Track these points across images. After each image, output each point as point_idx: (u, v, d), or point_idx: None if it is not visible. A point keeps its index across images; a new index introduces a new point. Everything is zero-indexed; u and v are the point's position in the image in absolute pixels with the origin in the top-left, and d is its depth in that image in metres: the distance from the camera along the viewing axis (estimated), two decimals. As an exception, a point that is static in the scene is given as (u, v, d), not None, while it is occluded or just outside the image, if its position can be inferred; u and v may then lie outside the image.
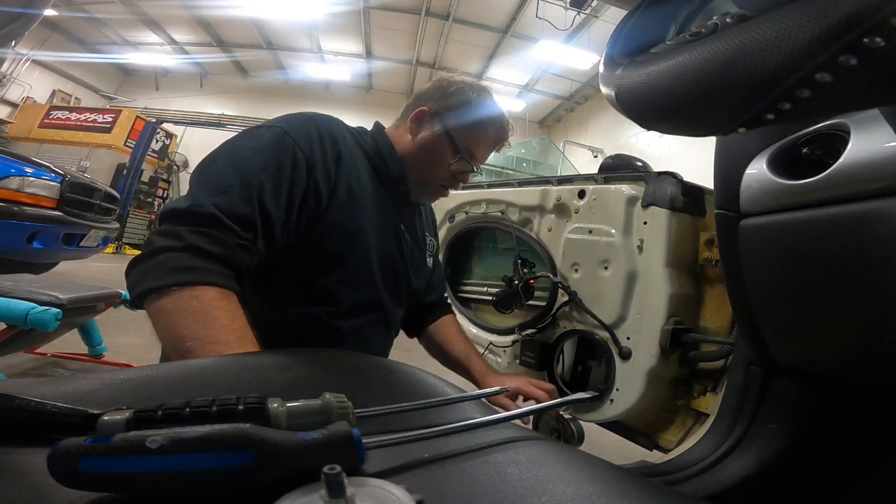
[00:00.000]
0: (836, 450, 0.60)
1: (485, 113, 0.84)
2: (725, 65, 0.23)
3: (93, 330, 2.01)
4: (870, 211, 0.45)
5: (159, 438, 0.21)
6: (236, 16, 8.28)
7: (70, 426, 0.25)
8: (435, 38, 8.68)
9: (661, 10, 0.36)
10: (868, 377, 0.53)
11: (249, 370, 0.34)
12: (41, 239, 2.83)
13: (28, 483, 0.22)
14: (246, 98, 11.43)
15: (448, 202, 1.40)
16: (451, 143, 0.82)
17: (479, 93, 0.84)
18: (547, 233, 1.12)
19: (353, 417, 0.27)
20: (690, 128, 0.29)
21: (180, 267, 0.57)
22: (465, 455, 0.28)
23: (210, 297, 0.56)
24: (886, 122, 0.34)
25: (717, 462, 0.66)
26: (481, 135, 0.84)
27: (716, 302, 0.88)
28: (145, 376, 0.33)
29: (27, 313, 1.36)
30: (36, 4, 0.50)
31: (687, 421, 0.89)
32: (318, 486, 0.21)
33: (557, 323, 1.06)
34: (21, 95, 9.40)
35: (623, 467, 0.30)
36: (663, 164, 1.10)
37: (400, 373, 0.38)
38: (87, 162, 8.31)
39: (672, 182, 0.90)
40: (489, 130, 0.84)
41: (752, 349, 0.64)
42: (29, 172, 2.83)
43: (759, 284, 0.58)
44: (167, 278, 0.56)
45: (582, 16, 6.41)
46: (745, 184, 0.58)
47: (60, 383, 0.31)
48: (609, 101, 0.33)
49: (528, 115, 11.23)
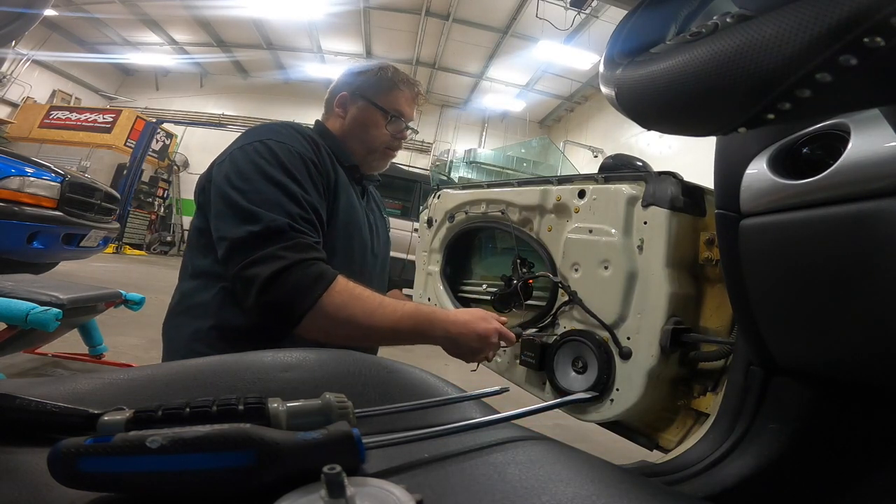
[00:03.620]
0: (836, 450, 0.60)
1: (392, 76, 0.95)
2: (725, 65, 0.23)
3: (93, 330, 2.01)
4: (870, 211, 0.45)
5: (159, 438, 0.21)
6: (236, 16, 8.28)
7: (70, 426, 0.25)
8: (435, 38, 8.68)
9: (661, 10, 0.36)
10: (868, 377, 0.53)
11: (249, 370, 0.34)
12: (41, 239, 2.83)
13: (28, 483, 0.22)
14: (246, 98, 11.43)
15: (448, 202, 1.39)
16: (377, 108, 0.92)
17: (379, 65, 0.96)
18: (547, 233, 1.11)
19: (353, 417, 0.27)
20: (690, 128, 0.29)
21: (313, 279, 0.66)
22: (465, 455, 0.28)
23: (345, 286, 0.68)
24: (886, 122, 0.35)
25: (717, 462, 0.66)
26: (397, 92, 0.94)
27: (716, 302, 0.88)
28: (145, 376, 0.33)
29: (27, 313, 1.36)
30: (36, 4, 0.50)
31: (687, 421, 0.89)
32: (318, 486, 0.21)
33: (557, 323, 1.06)
34: (21, 95, 9.40)
35: (623, 467, 0.30)
36: (663, 164, 1.10)
37: (400, 373, 0.38)
38: (87, 162, 8.31)
39: (672, 182, 0.90)
40: (402, 88, 0.95)
41: (752, 349, 0.64)
42: (29, 172, 2.83)
43: (759, 284, 0.58)
44: (313, 292, 0.66)
45: (582, 16, 6.41)
46: (745, 184, 0.58)
47: (60, 383, 0.31)
48: (609, 101, 0.33)
49: (528, 115, 11.24)
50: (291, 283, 0.65)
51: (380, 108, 0.92)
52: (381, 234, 1.01)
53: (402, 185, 5.31)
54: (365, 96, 0.92)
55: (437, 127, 11.52)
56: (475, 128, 11.75)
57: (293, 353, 0.36)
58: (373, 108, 0.92)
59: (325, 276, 0.67)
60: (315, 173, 0.76)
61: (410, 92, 0.95)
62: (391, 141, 0.94)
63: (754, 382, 0.65)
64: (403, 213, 4.97)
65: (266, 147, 0.75)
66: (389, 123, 0.92)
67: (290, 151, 0.75)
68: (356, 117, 0.93)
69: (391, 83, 0.93)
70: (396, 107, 0.93)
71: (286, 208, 0.69)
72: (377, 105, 0.91)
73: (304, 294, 0.65)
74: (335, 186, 0.82)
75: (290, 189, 0.71)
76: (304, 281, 0.65)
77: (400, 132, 0.95)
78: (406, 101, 0.94)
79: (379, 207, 1.08)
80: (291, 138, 0.78)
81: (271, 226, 0.66)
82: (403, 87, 0.94)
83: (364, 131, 0.92)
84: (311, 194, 0.74)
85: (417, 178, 5.63)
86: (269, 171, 0.72)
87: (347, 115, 0.94)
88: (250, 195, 0.69)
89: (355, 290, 0.69)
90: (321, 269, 0.68)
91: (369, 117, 0.92)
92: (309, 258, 0.67)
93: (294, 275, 0.65)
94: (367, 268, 0.89)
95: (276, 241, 0.66)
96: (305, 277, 0.66)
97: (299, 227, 0.69)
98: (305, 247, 0.68)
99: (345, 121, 0.94)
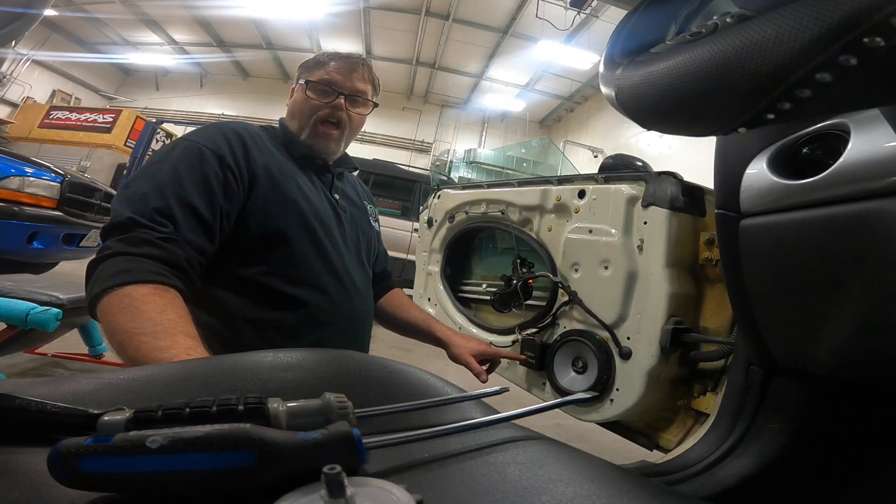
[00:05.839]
0: (837, 450, 0.60)
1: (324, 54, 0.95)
2: (725, 65, 0.23)
3: (93, 330, 2.01)
4: (870, 211, 0.45)
5: (159, 438, 0.21)
6: (236, 16, 8.28)
7: (70, 426, 0.25)
8: (435, 38, 8.68)
9: (661, 10, 0.36)
10: (868, 377, 0.53)
11: (249, 370, 0.34)
12: (41, 239, 2.83)
13: (28, 483, 0.22)
14: (246, 98, 11.43)
15: (448, 202, 1.40)
16: (307, 84, 0.92)
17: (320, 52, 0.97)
18: (547, 233, 1.12)
19: (354, 417, 0.27)
20: (690, 128, 0.29)
21: (111, 273, 0.61)
22: (465, 455, 0.28)
23: (140, 294, 0.60)
24: (886, 122, 0.35)
25: (717, 462, 0.66)
26: (326, 65, 0.93)
27: (716, 302, 0.88)
28: (145, 376, 0.33)
29: (27, 313, 1.36)
30: (36, 4, 0.50)
31: (687, 421, 0.89)
32: (318, 486, 0.21)
33: (557, 323, 1.06)
34: (21, 95, 9.40)
35: (623, 467, 0.30)
36: (663, 164, 1.10)
37: (400, 373, 0.38)
38: (87, 162, 8.30)
39: (672, 182, 0.90)
40: (331, 61, 0.94)
41: (752, 349, 0.64)
42: (29, 172, 2.83)
43: (759, 284, 0.58)
44: (101, 285, 0.60)
45: (582, 16, 6.41)
46: (745, 184, 0.58)
47: (60, 383, 0.31)
48: (609, 101, 0.33)
49: (528, 115, 11.23)
50: (94, 274, 0.63)
51: (307, 83, 0.92)
52: (357, 221, 1.00)
53: (401, 185, 5.31)
54: (300, 79, 0.94)
55: (436, 127, 11.52)
56: (475, 128, 11.75)
57: (293, 353, 0.36)
58: (301, 86, 0.93)
59: (129, 272, 0.60)
60: (212, 168, 0.74)
61: (343, 63, 0.93)
62: (321, 112, 0.92)
63: (754, 382, 0.65)
64: (403, 213, 4.97)
65: (173, 146, 0.77)
66: (310, 90, 0.91)
67: (189, 149, 0.75)
68: (294, 98, 0.95)
69: (320, 59, 0.94)
70: (323, 77, 0.92)
71: (144, 202, 0.67)
72: (308, 81, 0.92)
73: (93, 285, 0.62)
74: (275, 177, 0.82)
75: (160, 183, 0.70)
76: (103, 273, 0.61)
77: (328, 101, 0.91)
78: (337, 70, 0.93)
79: (359, 195, 1.07)
80: (205, 136, 0.78)
81: (114, 221, 0.67)
82: (333, 60, 0.94)
83: (296, 109, 0.94)
84: (191, 186, 0.71)
85: (417, 178, 5.63)
86: (151, 168, 0.74)
87: (291, 101, 0.97)
88: (124, 193, 0.71)
89: (142, 304, 0.58)
90: (134, 265, 0.62)
91: (299, 95, 0.93)
92: (135, 252, 0.63)
93: (101, 265, 0.63)
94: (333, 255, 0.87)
95: (115, 234, 0.66)
96: (107, 270, 0.62)
97: (144, 222, 0.66)
98: (140, 241, 0.64)
99: (289, 108, 0.96)
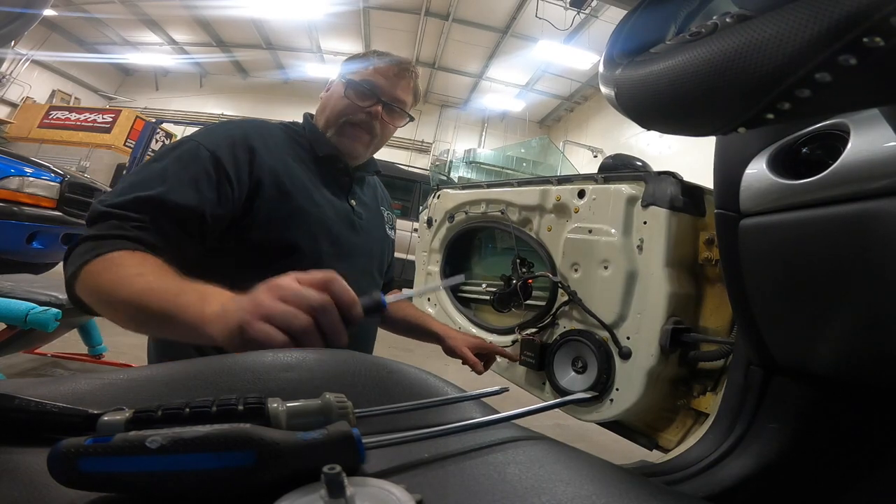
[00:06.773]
0: (836, 450, 0.60)
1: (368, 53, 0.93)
2: (725, 65, 0.23)
3: (93, 330, 2.01)
4: (870, 211, 0.45)
5: (159, 438, 0.21)
6: (236, 16, 8.29)
7: (70, 426, 0.25)
8: (435, 37, 8.69)
9: (661, 10, 0.36)
10: (868, 377, 0.53)
11: (249, 370, 0.34)
12: (41, 239, 2.82)
13: (28, 483, 0.22)
14: (246, 98, 11.44)
15: (448, 202, 1.39)
16: (348, 82, 0.89)
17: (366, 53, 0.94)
18: (547, 232, 1.12)
19: (353, 417, 0.27)
20: (690, 128, 0.29)
21: (83, 251, 0.63)
22: (465, 455, 0.28)
23: (117, 256, 0.61)
24: (886, 122, 0.35)
25: (717, 462, 0.66)
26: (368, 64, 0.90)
27: (716, 302, 0.88)
28: (145, 376, 0.33)
29: (27, 313, 1.36)
30: (36, 4, 0.50)
31: (687, 421, 0.89)
32: (318, 486, 0.21)
33: (557, 323, 1.06)
34: (21, 95, 9.41)
35: (623, 467, 0.30)
36: (663, 164, 1.10)
37: (400, 373, 0.38)
38: (86, 162, 8.31)
39: (672, 182, 0.90)
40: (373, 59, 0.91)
41: (752, 349, 0.64)
42: (28, 172, 2.83)
43: (759, 284, 0.58)
44: (75, 263, 0.62)
45: (582, 16, 6.41)
46: (745, 184, 0.58)
47: (60, 383, 0.31)
48: (609, 101, 0.33)
49: (527, 115, 11.24)
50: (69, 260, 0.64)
51: (346, 80, 0.89)
52: (372, 229, 0.96)
53: (401, 185, 5.32)
54: (342, 75, 0.91)
55: (436, 127, 11.52)
56: (475, 128, 11.75)
57: (293, 353, 0.36)
58: (340, 82, 0.91)
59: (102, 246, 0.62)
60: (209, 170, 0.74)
61: (392, 67, 0.90)
62: (354, 116, 0.89)
63: (754, 382, 0.65)
64: (403, 213, 4.98)
65: (175, 145, 0.77)
66: (350, 89, 0.88)
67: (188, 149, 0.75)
68: (330, 93, 0.93)
69: (364, 57, 0.92)
70: (367, 78, 0.89)
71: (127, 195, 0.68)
72: (348, 79, 0.89)
73: (68, 269, 0.63)
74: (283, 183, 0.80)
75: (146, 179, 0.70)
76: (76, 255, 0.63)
77: (365, 105, 0.88)
78: (383, 73, 0.90)
79: (378, 200, 1.05)
80: (207, 137, 0.78)
81: (92, 213, 0.68)
82: (381, 61, 0.91)
83: (329, 104, 0.91)
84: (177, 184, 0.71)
85: (417, 178, 5.64)
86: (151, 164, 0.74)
87: (325, 95, 0.94)
88: (118, 185, 0.72)
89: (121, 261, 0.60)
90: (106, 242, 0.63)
91: (337, 90, 0.91)
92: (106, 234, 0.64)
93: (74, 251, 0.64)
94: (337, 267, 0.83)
95: (94, 224, 0.67)
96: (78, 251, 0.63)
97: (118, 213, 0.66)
98: (112, 226, 0.65)
99: (322, 101, 0.94)
